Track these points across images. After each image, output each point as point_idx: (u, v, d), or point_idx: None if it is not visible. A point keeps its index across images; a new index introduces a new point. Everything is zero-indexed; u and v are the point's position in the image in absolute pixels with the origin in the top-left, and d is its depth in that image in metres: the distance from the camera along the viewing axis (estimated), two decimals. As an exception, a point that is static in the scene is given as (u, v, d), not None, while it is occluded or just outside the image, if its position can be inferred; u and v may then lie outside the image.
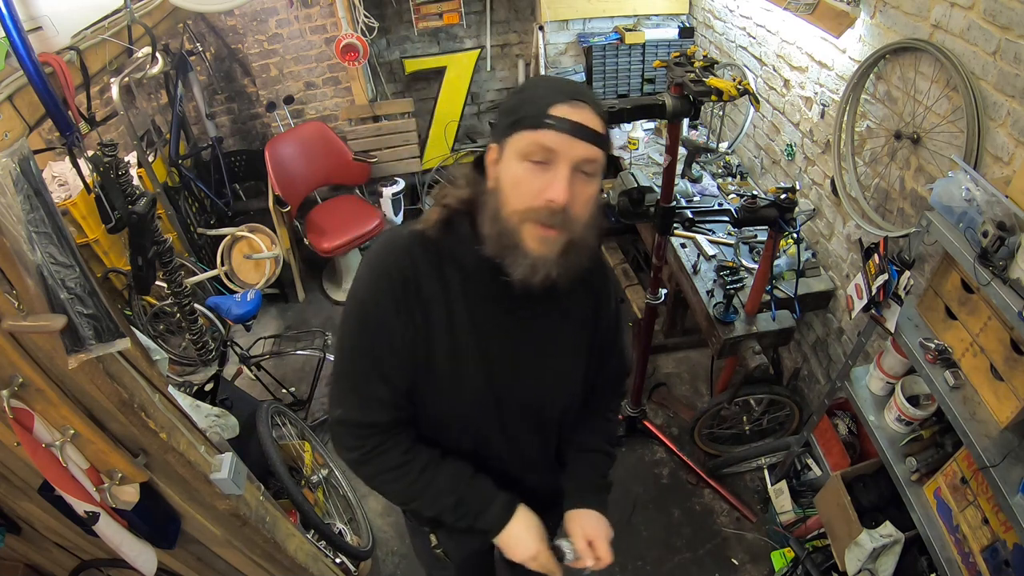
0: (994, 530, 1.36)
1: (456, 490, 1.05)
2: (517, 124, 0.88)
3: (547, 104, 0.86)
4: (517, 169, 0.88)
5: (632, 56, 3.42)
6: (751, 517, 2.47)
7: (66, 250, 0.92)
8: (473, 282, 0.98)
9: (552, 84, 0.91)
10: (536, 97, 0.88)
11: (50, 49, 1.08)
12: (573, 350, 1.12)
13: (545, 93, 0.88)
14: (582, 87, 0.93)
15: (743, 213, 1.89)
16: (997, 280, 1.18)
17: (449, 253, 0.98)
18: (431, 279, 0.97)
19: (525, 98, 0.89)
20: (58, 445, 1.04)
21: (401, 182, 3.76)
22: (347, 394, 1.02)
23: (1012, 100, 1.47)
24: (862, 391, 1.81)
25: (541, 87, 0.92)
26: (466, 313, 0.99)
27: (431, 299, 0.97)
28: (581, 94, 0.89)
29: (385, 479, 1.05)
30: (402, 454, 1.03)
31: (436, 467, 1.05)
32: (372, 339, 0.98)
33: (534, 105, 0.87)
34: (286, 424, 2.46)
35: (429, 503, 1.06)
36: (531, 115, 0.86)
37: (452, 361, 1.00)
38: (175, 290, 2.39)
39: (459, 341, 0.99)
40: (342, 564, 2.16)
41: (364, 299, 0.98)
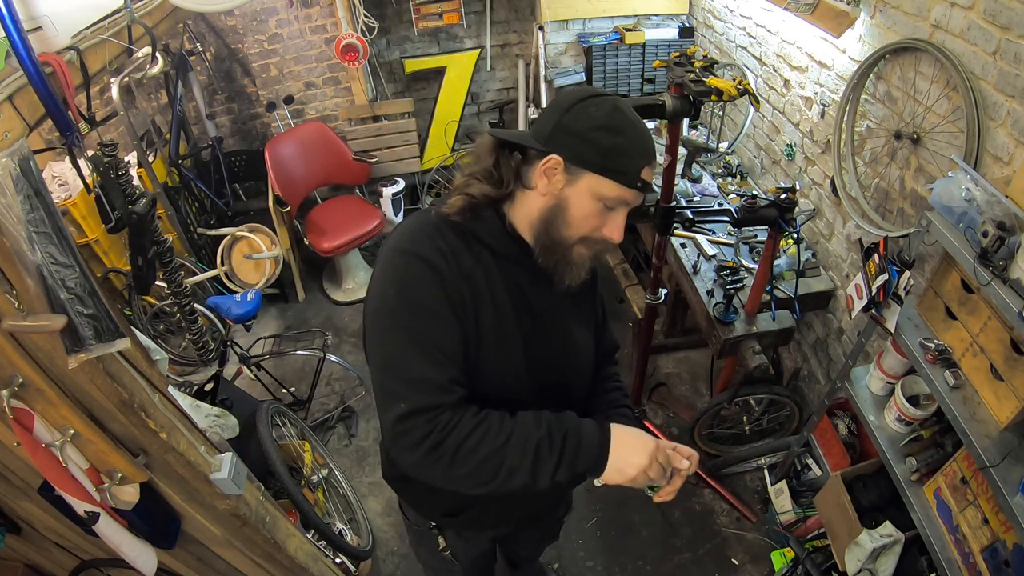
0: (994, 530, 1.36)
1: (541, 423, 0.97)
2: (608, 171, 0.95)
3: (641, 165, 0.96)
4: (591, 206, 0.97)
5: (632, 56, 3.42)
6: (751, 517, 2.47)
7: (66, 250, 0.92)
8: (502, 262, 1.02)
9: (641, 139, 0.97)
10: (632, 151, 0.95)
11: (50, 49, 1.08)
12: (587, 323, 1.22)
13: (639, 150, 0.96)
14: (652, 139, 1.00)
15: (743, 213, 1.89)
16: (997, 280, 1.18)
17: (475, 235, 1.01)
18: (467, 255, 0.99)
19: (622, 148, 0.94)
20: (58, 445, 1.04)
21: (401, 182, 3.76)
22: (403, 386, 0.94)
23: (1012, 100, 1.47)
24: (862, 391, 1.81)
25: (635, 139, 0.96)
26: (505, 291, 1.03)
27: (472, 272, 0.99)
28: (654, 155, 0.99)
29: (467, 449, 0.93)
30: (474, 416, 0.95)
31: (512, 417, 0.98)
32: (424, 324, 0.95)
33: (630, 161, 0.95)
34: (286, 424, 2.46)
35: (520, 455, 0.94)
36: (627, 172, 0.95)
37: (498, 330, 1.02)
38: (175, 290, 2.39)
39: (501, 311, 1.02)
40: (342, 564, 2.16)
41: (406, 286, 0.95)
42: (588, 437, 0.97)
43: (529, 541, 1.81)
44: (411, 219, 1.05)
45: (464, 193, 1.01)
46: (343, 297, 3.77)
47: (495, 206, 1.03)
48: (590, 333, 1.23)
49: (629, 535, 2.45)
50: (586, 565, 2.37)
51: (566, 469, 0.96)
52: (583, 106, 0.96)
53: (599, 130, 0.94)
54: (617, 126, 0.95)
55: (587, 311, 1.22)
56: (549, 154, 0.95)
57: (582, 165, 0.95)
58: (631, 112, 0.99)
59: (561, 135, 0.95)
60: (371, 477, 2.77)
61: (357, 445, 2.92)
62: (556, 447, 0.95)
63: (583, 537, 2.44)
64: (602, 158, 0.94)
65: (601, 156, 0.94)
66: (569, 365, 1.17)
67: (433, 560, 1.53)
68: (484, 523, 1.37)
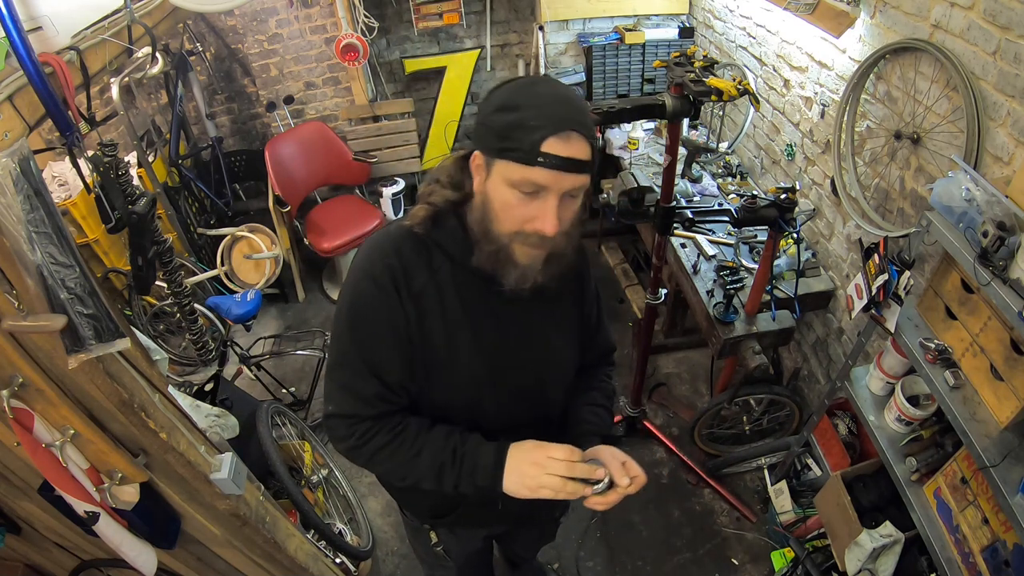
0: (994, 530, 1.36)
1: (449, 442, 1.04)
2: (506, 152, 0.87)
3: (540, 138, 0.85)
4: (507, 195, 0.90)
5: (632, 56, 3.42)
6: (751, 517, 2.47)
7: (66, 250, 0.92)
8: (463, 273, 1.01)
9: (545, 107, 0.87)
10: (528, 125, 0.85)
11: (50, 49, 1.08)
12: (563, 329, 1.17)
13: (537, 120, 0.85)
14: (572, 107, 0.89)
15: (743, 213, 1.89)
16: (997, 280, 1.18)
17: (438, 246, 1.01)
18: (421, 271, 1.00)
19: (516, 122, 0.86)
20: (58, 445, 1.04)
21: (401, 182, 3.76)
22: (337, 390, 1.06)
23: (1012, 100, 1.47)
24: (862, 391, 1.81)
25: (533, 110, 0.87)
26: (458, 301, 1.02)
27: (423, 290, 0.99)
28: (572, 122, 0.87)
29: (380, 458, 1.06)
30: (391, 431, 1.05)
31: (427, 432, 1.06)
32: (361, 336, 1.01)
33: (526, 136, 0.85)
34: (286, 424, 2.46)
35: (426, 470, 1.04)
36: (523, 149, 0.85)
37: (448, 348, 1.03)
38: (175, 290, 2.39)
39: (453, 328, 1.02)
40: (342, 564, 2.16)
41: (352, 298, 1.01)
42: (484, 459, 1.03)
43: (525, 540, 1.81)
44: (378, 232, 1.06)
45: (427, 202, 1.00)
46: (343, 297, 3.77)
47: (458, 212, 1.00)
48: (569, 336, 1.19)
49: (629, 535, 2.45)
50: (586, 565, 2.37)
51: (467, 485, 1.04)
52: (492, 93, 0.93)
53: (496, 111, 0.89)
54: (513, 103, 0.88)
55: (567, 314, 1.17)
56: (473, 151, 0.95)
57: (487, 153, 0.91)
58: (544, 84, 0.92)
59: (476, 128, 0.94)
60: (371, 477, 2.77)
61: (357, 445, 2.91)
62: (456, 467, 1.03)
63: (583, 537, 2.44)
64: (498, 139, 0.88)
65: (497, 137, 0.88)
66: (543, 369, 1.15)
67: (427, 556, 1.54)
68: (473, 522, 1.37)
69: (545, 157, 0.85)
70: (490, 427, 1.10)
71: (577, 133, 0.87)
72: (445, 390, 1.07)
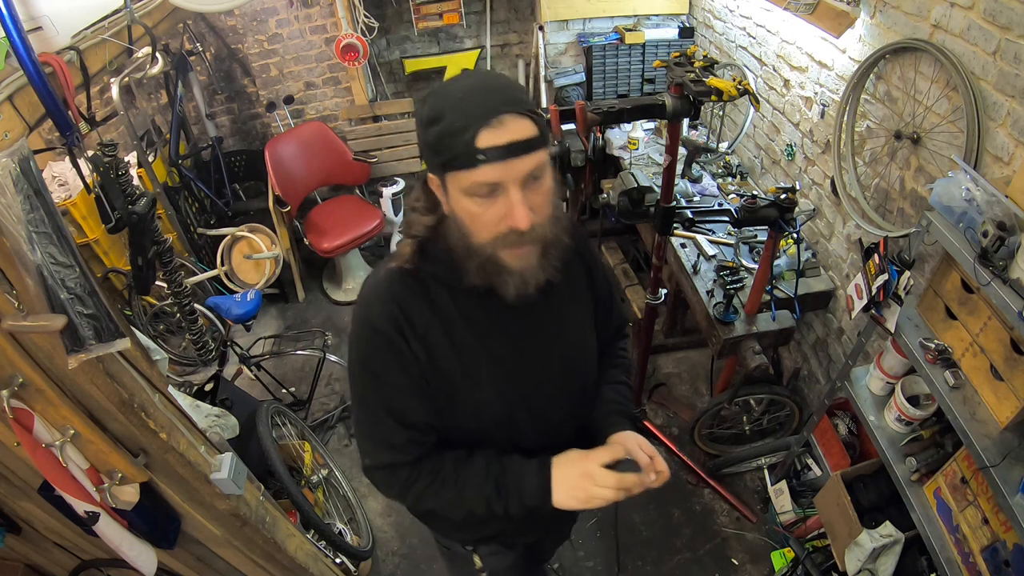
0: (994, 530, 1.36)
1: (490, 472, 1.03)
2: (448, 165, 0.84)
3: (470, 137, 0.80)
4: (468, 205, 0.86)
5: (632, 56, 3.42)
6: (751, 517, 2.47)
7: (66, 250, 0.92)
8: (464, 296, 0.98)
9: (465, 103, 0.83)
10: (454, 128, 0.81)
11: (50, 49, 1.08)
12: (581, 318, 1.15)
13: (462, 120, 0.81)
14: (494, 90, 0.84)
15: (743, 213, 1.89)
16: (997, 280, 1.18)
17: (432, 277, 0.98)
18: (421, 310, 0.97)
19: (445, 131, 0.82)
20: (58, 445, 1.04)
21: (401, 182, 3.76)
22: (369, 444, 1.06)
23: (1012, 100, 1.47)
24: (862, 391, 1.81)
25: (454, 112, 0.82)
26: (466, 328, 0.99)
27: (427, 328, 0.97)
28: (498, 106, 0.82)
29: (426, 499, 1.06)
30: (430, 472, 1.04)
31: (466, 466, 1.05)
32: (377, 389, 1.00)
33: (455, 140, 0.81)
34: (286, 424, 2.46)
35: (474, 503, 1.05)
36: (458, 155, 0.82)
37: (467, 377, 1.01)
38: (175, 290, 2.39)
39: (467, 356, 1.00)
40: (342, 564, 2.16)
41: (360, 353, 1.01)
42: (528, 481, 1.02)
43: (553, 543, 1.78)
44: (370, 279, 1.04)
45: (409, 235, 0.98)
46: (343, 297, 3.77)
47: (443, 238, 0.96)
48: (588, 323, 1.17)
49: (629, 535, 2.45)
50: (586, 565, 2.37)
51: (517, 508, 1.04)
52: (418, 111, 0.88)
53: (426, 127, 0.86)
54: (437, 112, 0.84)
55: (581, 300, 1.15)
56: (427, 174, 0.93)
57: (435, 171, 0.89)
58: (460, 80, 0.87)
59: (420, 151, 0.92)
60: (371, 477, 2.77)
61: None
62: (503, 496, 1.03)
63: (583, 537, 2.44)
64: (436, 153, 0.85)
65: (435, 152, 0.85)
66: (569, 365, 1.13)
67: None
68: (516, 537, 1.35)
69: (483, 153, 0.81)
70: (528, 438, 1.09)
71: (509, 114, 0.81)
72: (474, 417, 1.06)
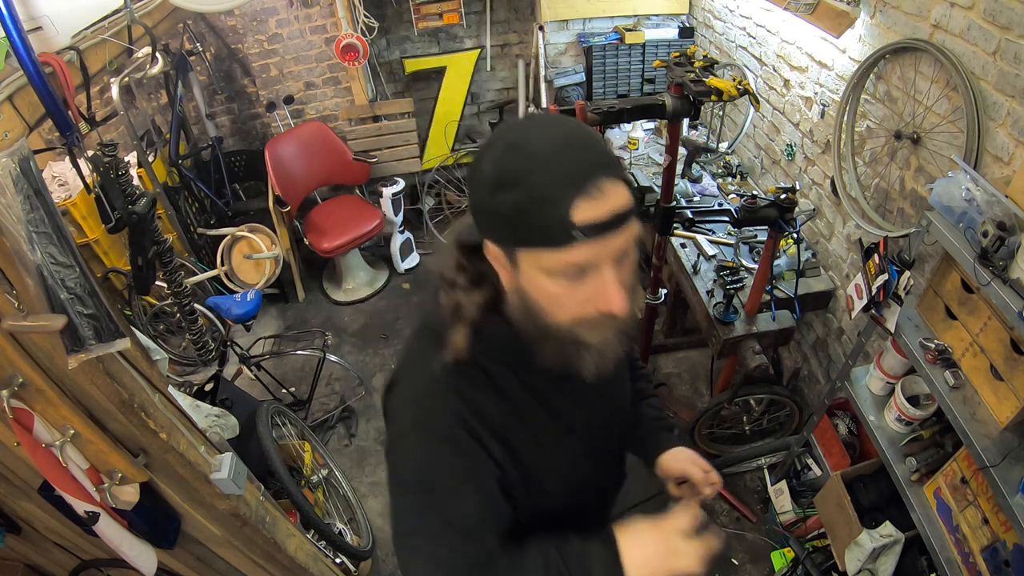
0: (994, 530, 1.36)
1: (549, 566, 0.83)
2: (527, 242, 0.69)
3: (565, 209, 0.65)
4: (549, 287, 0.72)
5: (632, 56, 3.42)
6: (751, 517, 2.47)
7: (66, 250, 0.92)
8: (534, 376, 0.86)
9: (552, 164, 0.67)
10: (544, 197, 0.66)
11: (50, 49, 1.08)
12: (622, 371, 1.08)
13: (552, 188, 0.66)
14: (585, 145, 0.69)
15: (743, 213, 1.89)
16: (997, 280, 1.18)
17: (493, 361, 0.84)
18: (490, 401, 0.84)
19: (527, 200, 0.67)
20: (58, 445, 1.04)
21: (401, 182, 3.76)
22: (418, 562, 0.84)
23: (1012, 100, 1.47)
24: (862, 391, 1.81)
25: (539, 175, 0.66)
26: (539, 408, 0.89)
27: (502, 420, 0.85)
28: (594, 168, 0.67)
29: None
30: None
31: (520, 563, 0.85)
32: (438, 499, 0.83)
33: (546, 215, 0.66)
34: (286, 424, 2.46)
35: None
36: (547, 231, 0.67)
37: (545, 458, 0.91)
38: (175, 290, 2.39)
39: (544, 438, 0.90)
40: (342, 564, 2.16)
41: (419, 464, 0.84)
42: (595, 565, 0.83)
43: None
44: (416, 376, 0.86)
45: (459, 320, 0.80)
46: (343, 297, 3.77)
47: (498, 312, 0.82)
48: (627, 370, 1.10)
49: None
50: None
51: None
52: (478, 166, 0.72)
53: (494, 192, 0.69)
54: (512, 174, 0.68)
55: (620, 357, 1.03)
56: (483, 240, 0.76)
57: (502, 244, 0.73)
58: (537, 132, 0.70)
59: (475, 214, 0.75)
60: (371, 477, 2.77)
61: (357, 445, 2.92)
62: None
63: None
64: (512, 228, 0.70)
65: (509, 226, 0.70)
66: (620, 424, 1.07)
67: None
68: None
69: (580, 230, 0.66)
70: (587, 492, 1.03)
71: (607, 179, 0.67)
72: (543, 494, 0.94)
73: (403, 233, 3.87)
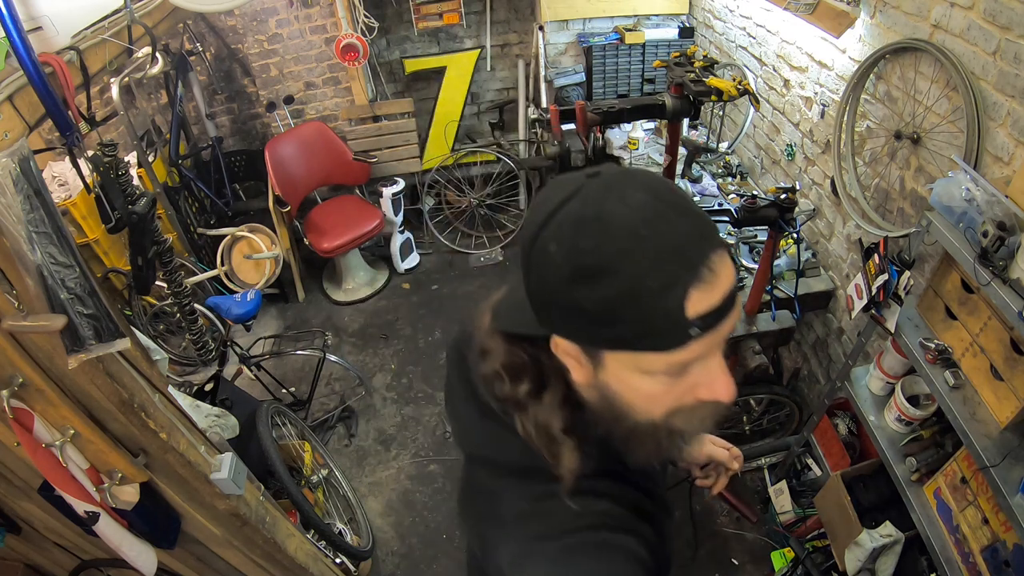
0: (994, 530, 1.36)
1: None
2: (628, 344, 0.56)
3: (676, 302, 0.52)
4: (647, 386, 0.59)
5: (632, 56, 3.42)
6: (751, 517, 2.45)
7: (66, 250, 0.92)
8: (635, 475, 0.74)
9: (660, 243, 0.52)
10: (647, 290, 0.52)
11: (50, 49, 1.08)
12: None
13: (660, 275, 0.52)
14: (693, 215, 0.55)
15: (743, 213, 1.89)
16: (997, 280, 1.18)
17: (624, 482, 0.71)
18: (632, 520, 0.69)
19: (627, 294, 0.52)
20: (58, 445, 1.04)
21: (401, 182, 3.76)
22: None
23: (1012, 100, 1.47)
24: (862, 391, 1.81)
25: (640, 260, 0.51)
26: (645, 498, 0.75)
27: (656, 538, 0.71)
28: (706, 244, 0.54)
29: None
30: None
31: None
32: None
33: (652, 310, 0.52)
34: (286, 424, 2.46)
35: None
36: (658, 332, 0.54)
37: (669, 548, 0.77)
38: (175, 290, 2.39)
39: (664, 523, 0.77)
40: (342, 564, 2.16)
41: None
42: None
43: None
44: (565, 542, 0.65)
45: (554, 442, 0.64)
46: (343, 297, 3.77)
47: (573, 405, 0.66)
48: None
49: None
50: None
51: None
52: (539, 246, 0.56)
53: (572, 284, 0.54)
54: (594, 262, 0.52)
55: None
56: (548, 334, 0.62)
57: (582, 342, 0.59)
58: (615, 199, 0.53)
59: (539, 305, 0.60)
60: (371, 477, 2.77)
61: (357, 445, 2.92)
62: None
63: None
64: (603, 326, 0.55)
65: (601, 327, 0.55)
66: None
67: None
68: None
69: (696, 323, 0.53)
70: None
71: (715, 252, 0.54)
72: None
73: (403, 233, 3.87)
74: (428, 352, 3.38)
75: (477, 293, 3.75)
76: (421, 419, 3.02)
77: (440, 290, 3.82)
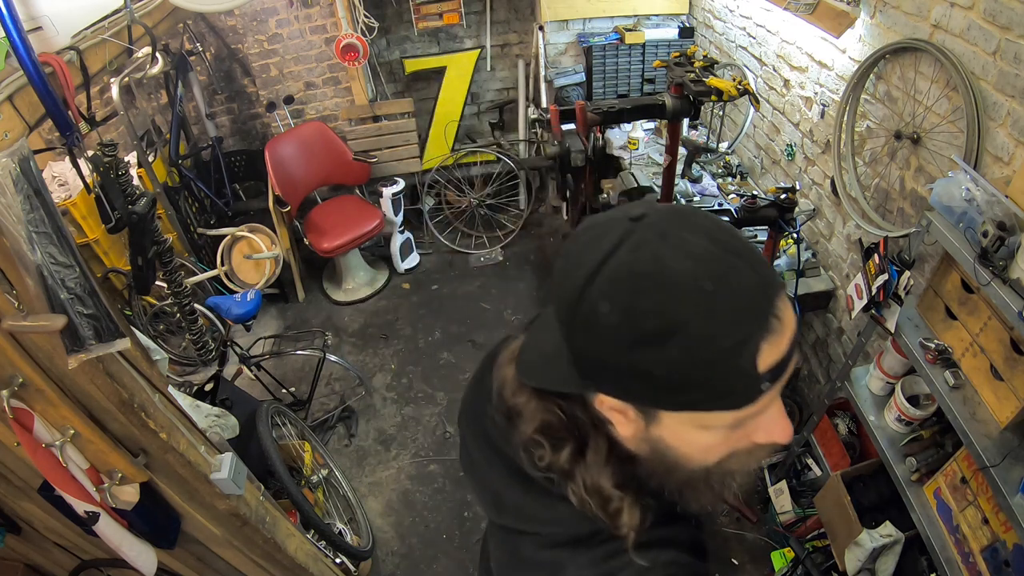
0: (994, 530, 1.36)
1: None
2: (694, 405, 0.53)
3: (748, 360, 0.49)
4: (705, 439, 0.57)
5: (632, 56, 3.42)
6: (751, 517, 2.47)
7: (66, 250, 0.92)
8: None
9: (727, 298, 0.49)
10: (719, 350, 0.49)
11: (50, 49, 1.08)
12: None
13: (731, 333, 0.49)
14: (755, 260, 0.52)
15: (743, 213, 1.89)
16: (997, 280, 1.18)
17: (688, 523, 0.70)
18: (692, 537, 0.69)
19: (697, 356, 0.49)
20: (58, 445, 1.04)
21: (401, 182, 3.76)
22: None
23: (1012, 100, 1.47)
24: (862, 391, 1.81)
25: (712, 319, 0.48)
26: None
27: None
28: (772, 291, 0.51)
29: None
30: None
31: None
32: None
33: (724, 370, 0.50)
34: (286, 424, 2.46)
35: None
36: (729, 391, 0.51)
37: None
38: (175, 290, 2.39)
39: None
40: (342, 564, 2.16)
41: None
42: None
43: None
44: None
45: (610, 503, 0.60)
46: (343, 297, 3.77)
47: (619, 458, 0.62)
48: None
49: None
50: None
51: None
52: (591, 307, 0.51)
53: (633, 347, 0.50)
54: (655, 324, 0.49)
55: None
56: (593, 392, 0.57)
57: (639, 403, 0.55)
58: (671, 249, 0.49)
59: (589, 366, 0.55)
60: (371, 477, 2.77)
61: (357, 445, 2.92)
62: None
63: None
64: (668, 392, 0.52)
65: (664, 391, 0.52)
66: None
67: None
68: None
69: (766, 377, 0.50)
70: None
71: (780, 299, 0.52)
72: None
73: (403, 233, 3.87)
74: (428, 352, 3.38)
75: (477, 293, 3.75)
76: (421, 419, 3.02)
77: (440, 290, 3.82)
